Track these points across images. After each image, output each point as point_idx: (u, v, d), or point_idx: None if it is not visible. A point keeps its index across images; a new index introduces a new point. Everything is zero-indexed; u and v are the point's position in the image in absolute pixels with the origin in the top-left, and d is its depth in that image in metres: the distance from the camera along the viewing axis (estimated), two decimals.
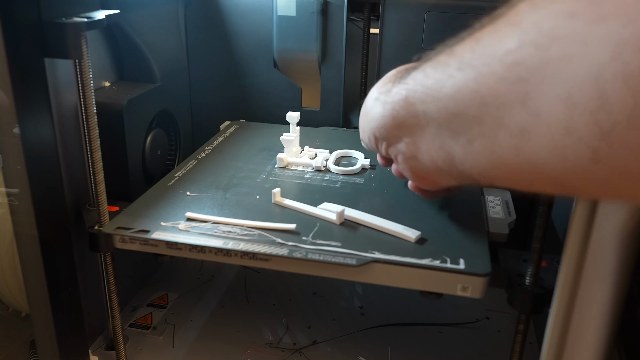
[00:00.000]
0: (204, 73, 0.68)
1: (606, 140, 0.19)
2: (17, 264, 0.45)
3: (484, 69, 0.23)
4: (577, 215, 0.31)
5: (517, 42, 0.22)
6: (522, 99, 0.21)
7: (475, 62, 0.24)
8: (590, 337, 0.33)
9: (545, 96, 0.20)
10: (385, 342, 0.55)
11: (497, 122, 0.23)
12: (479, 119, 0.24)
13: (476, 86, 0.24)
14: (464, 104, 0.25)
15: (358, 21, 0.65)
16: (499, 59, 0.22)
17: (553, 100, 0.20)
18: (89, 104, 0.42)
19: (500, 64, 0.22)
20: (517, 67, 0.22)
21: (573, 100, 0.19)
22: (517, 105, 0.22)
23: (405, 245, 0.40)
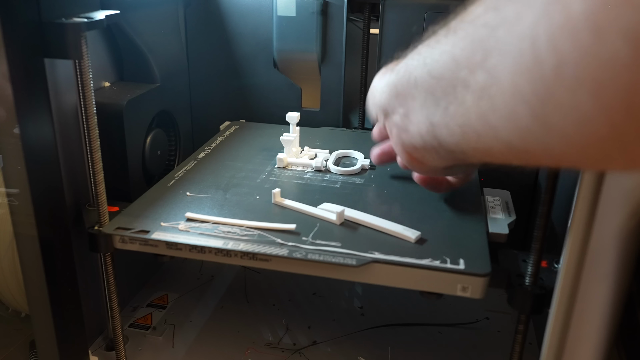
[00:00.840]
0: (203, 73, 0.68)
1: (540, 99, 0.19)
2: (17, 265, 0.45)
3: (460, 33, 0.25)
4: (577, 216, 0.31)
5: (483, 7, 0.23)
6: (482, 59, 0.23)
7: (457, 27, 0.26)
8: (590, 337, 0.33)
9: (499, 57, 0.21)
10: (385, 342, 0.55)
11: (464, 85, 0.24)
12: (453, 82, 0.25)
13: (452, 48, 0.26)
14: (443, 66, 0.27)
15: (358, 21, 0.65)
16: (472, 23, 0.24)
17: (503, 59, 0.21)
18: (89, 104, 0.42)
19: (472, 26, 0.24)
20: (481, 29, 0.23)
21: (518, 59, 0.20)
22: (479, 65, 0.23)
23: (405, 245, 0.40)
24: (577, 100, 0.18)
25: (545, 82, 0.19)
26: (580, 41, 0.17)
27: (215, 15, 0.66)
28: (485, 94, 0.23)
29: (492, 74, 0.22)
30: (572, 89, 0.18)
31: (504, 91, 0.21)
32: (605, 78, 0.17)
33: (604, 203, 0.30)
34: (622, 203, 0.30)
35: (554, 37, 0.18)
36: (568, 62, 0.18)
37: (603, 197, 0.30)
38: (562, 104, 0.19)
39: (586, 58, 0.17)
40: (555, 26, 0.18)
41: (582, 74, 0.18)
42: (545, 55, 0.19)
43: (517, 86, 0.20)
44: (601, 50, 0.17)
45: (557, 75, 0.18)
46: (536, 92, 0.19)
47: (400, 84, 0.33)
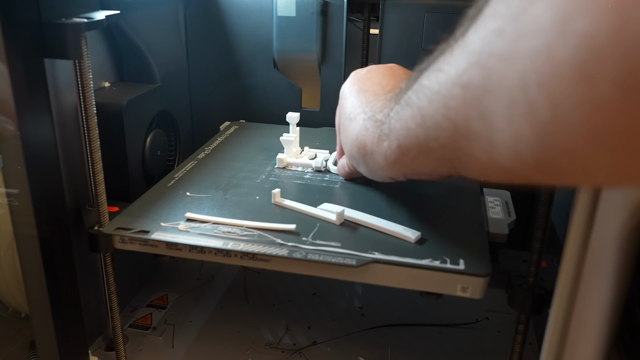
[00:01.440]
0: (203, 73, 0.68)
1: (541, 143, 0.20)
2: (16, 265, 0.45)
3: (448, 94, 0.26)
4: (576, 216, 0.31)
5: (466, 64, 0.24)
6: (479, 115, 0.24)
7: (441, 89, 0.27)
8: (590, 338, 0.33)
9: (494, 109, 0.22)
10: (385, 342, 0.55)
11: (469, 141, 0.26)
12: (457, 141, 0.27)
13: (446, 111, 0.26)
14: (443, 132, 0.28)
15: (358, 22, 0.65)
16: (458, 83, 0.25)
17: (499, 111, 0.22)
18: (88, 105, 0.42)
19: (459, 87, 0.25)
20: (470, 87, 0.24)
21: (512, 109, 0.21)
22: (477, 121, 0.24)
23: (405, 245, 0.40)
24: (575, 141, 0.19)
25: (544, 126, 0.20)
26: (572, 89, 0.18)
27: (215, 16, 0.66)
28: (491, 144, 0.24)
29: (492, 126, 0.23)
30: (570, 133, 0.19)
31: (506, 140, 0.22)
32: (599, 122, 0.18)
33: (604, 203, 0.30)
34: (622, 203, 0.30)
35: (545, 86, 0.19)
36: (562, 108, 0.19)
37: (603, 197, 0.30)
38: (561, 145, 0.20)
39: (580, 104, 0.18)
40: (545, 77, 0.19)
41: (577, 118, 0.18)
42: (539, 103, 0.19)
43: (517, 133, 0.21)
44: (594, 97, 0.17)
45: (554, 120, 0.19)
46: (536, 136, 0.20)
47: (405, 162, 0.34)
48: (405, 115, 0.32)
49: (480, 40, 0.23)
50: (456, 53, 0.25)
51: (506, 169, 0.24)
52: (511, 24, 0.21)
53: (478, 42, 0.23)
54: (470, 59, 0.24)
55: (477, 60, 0.23)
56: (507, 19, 0.21)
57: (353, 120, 0.41)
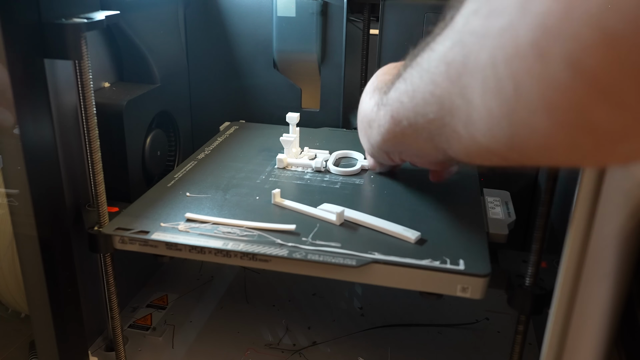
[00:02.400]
0: (203, 74, 0.68)
1: (508, 119, 0.22)
2: (16, 265, 0.45)
3: (436, 71, 0.27)
4: (576, 216, 0.31)
5: (450, 42, 0.25)
6: (460, 91, 0.25)
7: (430, 67, 0.28)
8: (590, 338, 0.33)
9: (471, 85, 0.23)
10: (385, 342, 0.55)
11: (452, 117, 0.27)
12: (442, 117, 0.28)
13: (433, 88, 0.28)
14: (430, 107, 0.29)
15: (358, 22, 0.65)
16: (443, 60, 0.26)
17: (475, 87, 0.23)
18: (88, 105, 0.42)
19: (444, 64, 0.26)
20: (453, 64, 0.25)
21: (485, 85, 0.22)
22: (458, 97, 0.25)
23: (405, 246, 0.40)
24: (535, 118, 0.20)
25: (509, 103, 0.21)
26: (530, 67, 0.19)
27: (215, 16, 0.66)
28: (470, 121, 0.25)
29: (470, 103, 0.24)
30: (530, 109, 0.20)
31: (482, 116, 0.23)
32: (553, 98, 0.19)
33: (603, 203, 0.30)
34: (622, 203, 0.30)
35: (509, 64, 0.20)
36: (523, 86, 0.20)
37: (603, 198, 0.30)
38: (523, 121, 0.21)
39: (536, 81, 0.19)
40: (509, 54, 0.20)
41: (535, 95, 0.20)
42: (505, 81, 0.21)
43: (489, 110, 0.22)
44: (548, 74, 0.19)
45: (517, 96, 0.20)
46: (504, 112, 0.22)
47: (397, 134, 0.37)
48: (400, 88, 0.33)
49: (462, 19, 0.24)
50: (445, 33, 0.27)
51: (484, 147, 0.25)
52: (485, 4, 0.22)
53: (461, 22, 0.24)
54: (454, 37, 0.25)
55: (460, 39, 0.24)
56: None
57: (366, 94, 0.45)
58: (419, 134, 0.33)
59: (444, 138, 0.29)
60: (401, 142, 0.37)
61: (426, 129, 0.31)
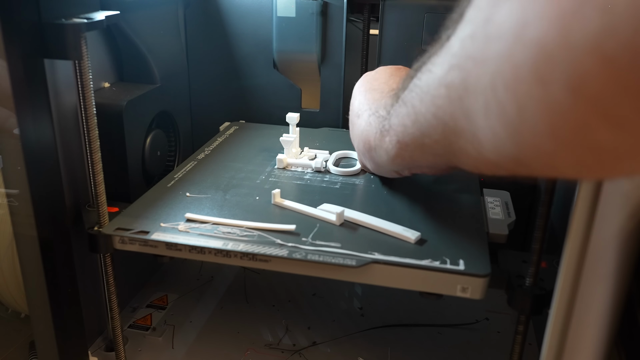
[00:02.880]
0: (203, 74, 0.68)
1: (513, 140, 0.22)
2: (16, 265, 0.45)
3: (436, 94, 0.27)
4: (576, 216, 0.31)
5: (448, 65, 0.26)
6: (463, 113, 0.25)
7: (430, 89, 0.28)
8: (590, 338, 0.33)
9: (473, 108, 0.24)
10: (384, 343, 0.55)
11: (457, 136, 0.27)
12: (447, 137, 0.28)
13: (435, 110, 0.28)
14: (434, 129, 0.30)
15: (358, 22, 0.65)
16: (443, 83, 0.26)
17: (478, 110, 0.23)
18: (88, 105, 0.42)
19: (444, 87, 0.26)
20: (452, 87, 0.25)
21: (487, 108, 0.23)
22: (463, 119, 0.26)
23: (405, 246, 0.40)
24: (539, 139, 0.21)
25: (513, 125, 0.21)
26: (531, 91, 0.19)
27: (215, 16, 0.66)
28: (476, 139, 0.25)
29: (474, 124, 0.25)
30: (534, 131, 0.20)
31: (487, 136, 0.24)
32: (556, 121, 0.19)
33: (603, 204, 0.30)
34: (622, 204, 0.30)
35: (510, 89, 0.20)
36: (526, 109, 0.20)
37: (603, 198, 0.30)
38: (528, 142, 0.21)
39: (538, 105, 0.19)
40: (509, 79, 0.20)
41: (538, 118, 0.20)
42: (507, 104, 0.21)
43: (494, 131, 0.23)
44: (549, 99, 0.19)
45: (520, 119, 0.21)
46: (508, 134, 0.22)
47: (406, 156, 0.37)
48: (401, 113, 0.33)
49: (458, 43, 0.25)
50: (441, 55, 0.27)
51: (493, 162, 0.25)
52: (481, 29, 0.22)
53: (457, 45, 0.25)
54: (452, 61, 0.25)
55: (457, 63, 0.25)
56: (478, 24, 0.22)
57: (359, 117, 0.45)
58: (426, 153, 0.33)
59: (452, 155, 0.30)
60: (411, 162, 0.38)
61: (434, 148, 0.32)
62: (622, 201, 0.30)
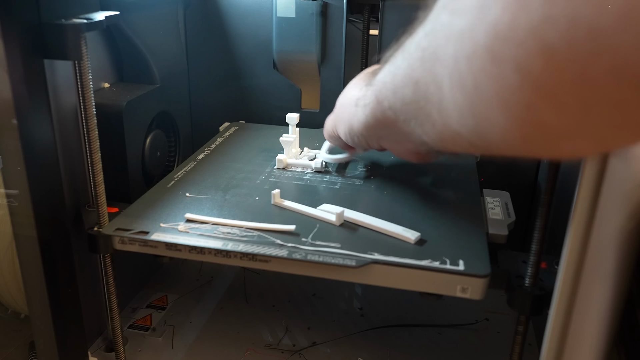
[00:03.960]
0: (203, 74, 0.68)
1: (472, 112, 0.23)
2: (16, 266, 0.45)
3: (414, 55, 0.28)
4: (576, 217, 0.31)
5: (424, 31, 0.27)
6: (433, 78, 0.26)
7: (410, 50, 0.29)
8: (590, 338, 0.33)
9: (441, 74, 0.25)
10: (384, 343, 0.55)
11: (427, 101, 0.28)
12: (417, 100, 0.29)
13: (411, 71, 0.29)
14: (407, 89, 0.30)
15: (357, 22, 0.65)
16: (420, 46, 0.27)
17: (444, 76, 0.24)
18: (88, 105, 0.42)
19: (420, 49, 0.27)
20: (426, 51, 0.26)
21: (451, 76, 0.23)
22: (432, 83, 0.26)
23: (405, 246, 0.40)
24: (493, 114, 0.22)
25: (470, 96, 0.22)
26: (486, 67, 0.21)
27: (215, 17, 0.66)
28: (443, 108, 0.26)
29: (441, 90, 0.25)
30: (488, 105, 0.22)
31: (450, 103, 0.25)
32: (507, 97, 0.20)
33: (603, 204, 0.30)
34: (622, 204, 0.30)
35: (469, 63, 0.22)
36: (481, 84, 0.21)
37: (603, 198, 0.30)
38: (483, 115, 0.22)
39: (491, 81, 0.21)
40: (468, 54, 0.21)
41: (491, 93, 0.21)
42: (466, 77, 0.22)
43: (456, 100, 0.24)
44: (500, 76, 0.20)
45: (476, 92, 0.22)
46: (466, 104, 0.23)
47: (378, 116, 0.37)
48: (386, 69, 0.34)
49: (433, 12, 0.26)
50: (423, 24, 0.28)
51: (456, 132, 0.26)
52: (452, 2, 0.23)
53: (434, 12, 0.26)
54: (427, 27, 0.27)
55: (430, 29, 0.26)
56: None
57: (353, 83, 0.45)
58: (397, 116, 0.34)
59: (419, 122, 0.30)
60: (382, 126, 0.38)
61: (403, 112, 0.32)
62: (622, 201, 0.30)
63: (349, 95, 0.44)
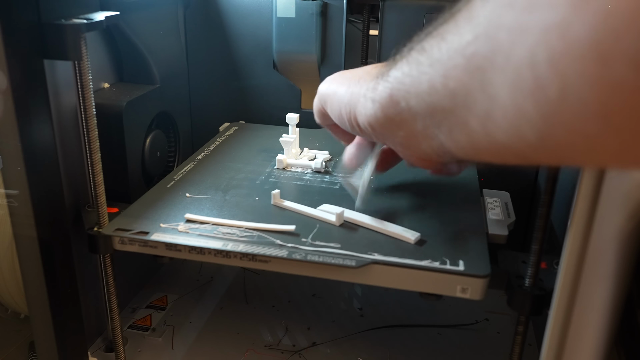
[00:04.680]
0: (203, 74, 0.68)
1: (546, 120, 0.20)
2: (16, 266, 0.45)
3: (449, 63, 0.25)
4: (576, 217, 0.31)
5: (472, 35, 0.24)
6: (481, 86, 0.23)
7: (443, 57, 0.26)
8: (590, 339, 0.33)
9: (498, 82, 0.22)
10: (384, 343, 0.55)
11: (466, 110, 0.25)
12: (452, 109, 0.26)
13: (445, 80, 0.26)
14: (438, 96, 0.27)
15: (357, 23, 0.65)
16: (461, 53, 0.24)
17: (503, 84, 0.22)
18: (88, 106, 0.42)
19: (462, 56, 0.24)
20: (474, 58, 0.24)
21: (517, 84, 0.21)
22: (478, 92, 0.24)
23: (405, 246, 0.40)
24: (584, 121, 0.19)
25: (551, 104, 0.20)
26: (585, 68, 0.18)
27: (215, 17, 0.66)
28: (489, 117, 0.23)
29: (493, 99, 0.23)
30: (579, 112, 0.19)
31: (507, 114, 0.22)
32: (612, 102, 0.18)
33: (603, 204, 0.30)
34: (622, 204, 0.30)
35: (556, 63, 0.19)
36: (573, 87, 0.18)
37: (603, 198, 0.30)
38: (568, 124, 0.19)
39: (592, 84, 0.18)
40: (556, 53, 0.19)
41: (588, 98, 0.18)
42: (547, 81, 0.19)
43: (521, 109, 0.21)
44: (608, 77, 0.17)
45: (563, 98, 0.19)
46: (542, 114, 0.20)
47: (390, 113, 0.33)
48: (404, 70, 0.31)
49: (488, 11, 0.23)
50: (461, 23, 0.25)
51: (501, 143, 0.24)
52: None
53: (485, 13, 0.23)
54: (476, 30, 0.23)
55: (484, 32, 0.23)
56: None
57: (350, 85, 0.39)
58: (415, 120, 0.31)
59: (446, 129, 0.28)
60: (393, 125, 0.34)
61: (426, 117, 0.29)
62: (622, 201, 0.30)
63: (358, 74, 0.39)
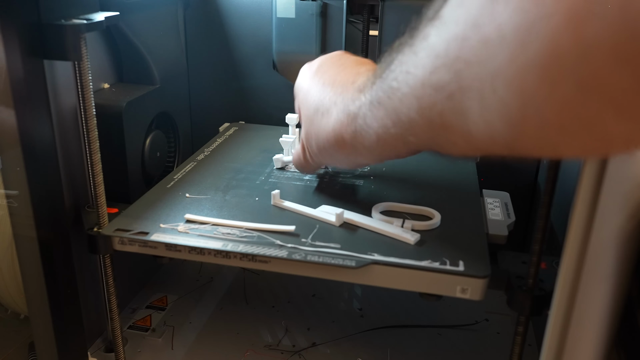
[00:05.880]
0: (203, 75, 0.68)
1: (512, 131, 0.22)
2: (16, 266, 0.45)
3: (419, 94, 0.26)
4: (576, 217, 0.31)
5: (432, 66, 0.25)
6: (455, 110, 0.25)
7: (412, 90, 0.27)
8: (590, 339, 0.33)
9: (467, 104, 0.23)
10: (384, 344, 0.55)
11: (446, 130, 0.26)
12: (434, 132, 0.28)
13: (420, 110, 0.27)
14: (421, 127, 0.28)
15: (357, 23, 0.65)
16: (427, 84, 0.26)
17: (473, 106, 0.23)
18: (88, 106, 0.42)
19: (430, 88, 0.25)
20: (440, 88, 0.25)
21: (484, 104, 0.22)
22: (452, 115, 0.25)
23: (405, 247, 0.40)
24: (545, 131, 0.21)
25: (515, 119, 0.21)
26: (537, 89, 0.19)
27: (215, 17, 0.66)
28: (466, 132, 0.25)
29: (466, 119, 0.24)
30: (540, 125, 0.20)
31: (480, 127, 0.24)
32: (564, 116, 0.19)
33: (603, 204, 0.30)
34: (622, 204, 0.30)
35: (513, 87, 0.20)
36: (531, 105, 0.20)
37: (602, 199, 0.30)
38: (533, 134, 0.21)
39: (545, 102, 0.19)
40: (511, 78, 0.20)
41: (544, 113, 0.20)
42: (509, 100, 0.21)
43: (490, 124, 0.23)
44: (557, 96, 0.19)
45: (524, 114, 0.21)
46: (508, 127, 0.22)
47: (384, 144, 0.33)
48: (379, 115, 0.32)
49: (444, 44, 0.24)
50: (421, 55, 0.26)
51: (483, 149, 0.25)
52: (474, 31, 0.21)
53: (442, 46, 0.24)
54: (436, 62, 0.25)
55: (444, 63, 0.24)
56: (468, 25, 0.22)
57: (325, 114, 0.39)
58: (408, 147, 0.32)
59: (436, 145, 0.29)
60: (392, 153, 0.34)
61: (416, 142, 0.30)
62: (622, 202, 0.30)
63: (336, 133, 0.37)
